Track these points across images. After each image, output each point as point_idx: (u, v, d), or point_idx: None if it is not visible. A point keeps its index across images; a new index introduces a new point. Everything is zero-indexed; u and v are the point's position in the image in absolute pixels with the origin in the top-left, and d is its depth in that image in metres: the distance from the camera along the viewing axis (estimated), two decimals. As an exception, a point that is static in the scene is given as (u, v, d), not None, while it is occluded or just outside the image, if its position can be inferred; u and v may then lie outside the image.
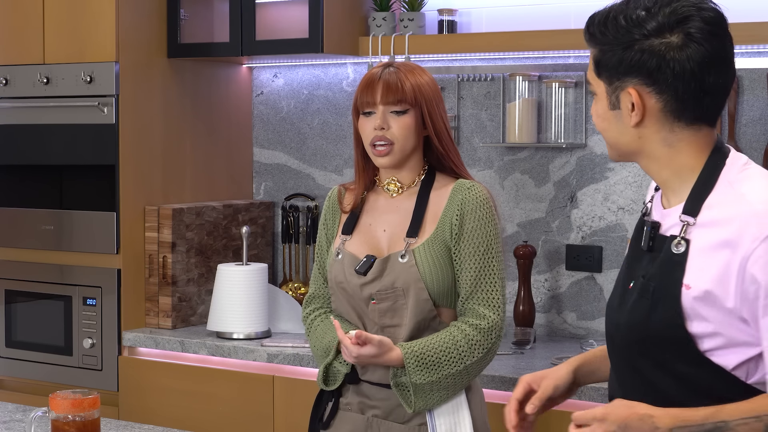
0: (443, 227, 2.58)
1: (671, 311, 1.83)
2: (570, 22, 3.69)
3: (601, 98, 1.92)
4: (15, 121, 4.03)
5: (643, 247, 1.92)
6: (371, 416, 2.59)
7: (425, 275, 2.53)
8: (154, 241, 3.90)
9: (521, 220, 3.83)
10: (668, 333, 1.84)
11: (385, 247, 2.60)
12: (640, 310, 1.88)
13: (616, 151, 1.95)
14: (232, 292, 3.72)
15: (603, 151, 3.70)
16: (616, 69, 1.86)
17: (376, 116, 2.57)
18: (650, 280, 1.88)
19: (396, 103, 2.57)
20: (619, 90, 1.87)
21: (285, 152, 4.31)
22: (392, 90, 2.56)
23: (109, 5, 3.80)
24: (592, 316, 3.73)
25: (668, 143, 1.87)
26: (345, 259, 2.61)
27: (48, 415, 2.25)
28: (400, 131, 2.57)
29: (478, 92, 3.89)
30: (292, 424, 3.53)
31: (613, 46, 1.85)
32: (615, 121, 1.90)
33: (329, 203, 2.74)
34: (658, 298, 1.85)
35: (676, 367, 1.86)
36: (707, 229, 1.83)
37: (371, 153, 2.60)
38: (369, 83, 2.59)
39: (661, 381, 1.88)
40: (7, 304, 4.10)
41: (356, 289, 2.58)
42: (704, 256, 1.82)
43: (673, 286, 1.84)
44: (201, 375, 3.71)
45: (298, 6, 3.95)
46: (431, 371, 2.51)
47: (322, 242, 2.75)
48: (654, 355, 1.88)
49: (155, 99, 3.97)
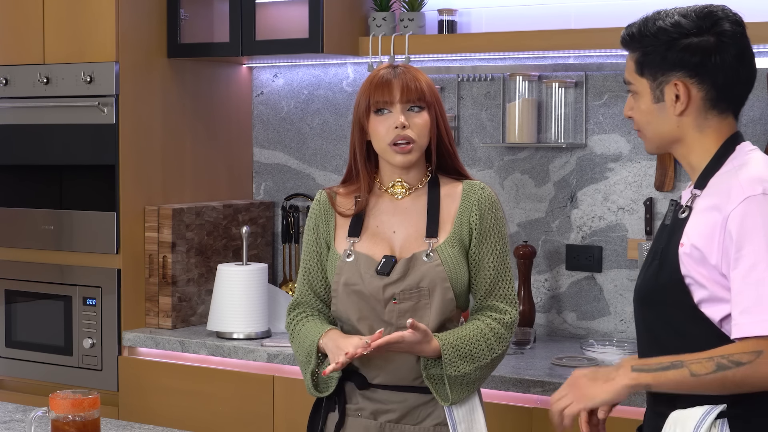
0: (461, 227, 2.57)
1: (671, 267, 2.10)
2: (570, 22, 3.69)
3: (643, 94, 2.17)
4: (15, 121, 4.04)
5: (666, 222, 2.20)
6: (384, 421, 2.58)
7: (451, 274, 2.54)
8: (154, 241, 3.90)
9: (521, 220, 3.83)
10: (669, 288, 2.10)
11: (398, 249, 2.58)
12: (651, 271, 2.16)
13: (656, 142, 2.20)
14: (232, 292, 3.71)
15: (603, 151, 3.70)
16: (660, 66, 2.13)
17: (394, 115, 2.54)
18: (660, 244, 2.17)
19: (416, 101, 2.56)
20: (664, 84, 2.13)
21: (285, 152, 4.31)
22: (412, 88, 2.55)
23: (109, 5, 3.81)
24: (592, 316, 3.73)
25: (700, 129, 2.15)
26: (360, 261, 2.57)
27: (48, 415, 2.25)
28: (420, 129, 2.56)
29: (478, 92, 3.89)
30: (292, 424, 3.53)
31: (656, 47, 2.12)
32: (658, 113, 2.15)
33: (319, 207, 2.67)
34: (664, 257, 2.12)
35: (678, 322, 2.10)
36: (705, 198, 2.11)
37: (390, 152, 2.56)
38: (384, 82, 2.56)
39: (667, 339, 2.12)
40: (7, 304, 4.10)
41: (377, 290, 2.54)
42: (697, 217, 2.10)
43: (674, 245, 2.11)
44: (201, 375, 3.71)
45: (298, 6, 3.95)
46: (465, 362, 2.51)
47: (311, 248, 2.67)
48: (660, 311, 2.13)
49: (155, 99, 3.97)
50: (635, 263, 3.65)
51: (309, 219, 2.69)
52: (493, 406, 3.13)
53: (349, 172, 2.68)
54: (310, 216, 2.69)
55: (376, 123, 2.57)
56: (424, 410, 2.57)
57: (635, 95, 2.19)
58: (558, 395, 2.19)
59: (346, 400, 2.61)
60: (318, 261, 2.66)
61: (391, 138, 2.55)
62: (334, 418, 2.62)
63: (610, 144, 3.69)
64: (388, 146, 2.56)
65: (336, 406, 2.61)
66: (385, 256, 2.56)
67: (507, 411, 3.17)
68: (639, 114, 2.19)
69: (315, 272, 2.67)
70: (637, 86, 2.18)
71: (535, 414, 3.14)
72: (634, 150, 3.65)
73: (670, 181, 3.58)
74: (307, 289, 2.68)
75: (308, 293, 2.68)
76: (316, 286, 2.67)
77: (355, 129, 2.63)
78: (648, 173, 3.63)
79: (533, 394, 3.15)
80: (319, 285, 2.67)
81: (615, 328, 3.69)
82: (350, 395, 2.61)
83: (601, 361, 3.23)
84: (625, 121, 3.65)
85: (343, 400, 2.61)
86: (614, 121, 3.68)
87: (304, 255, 2.70)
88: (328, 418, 2.63)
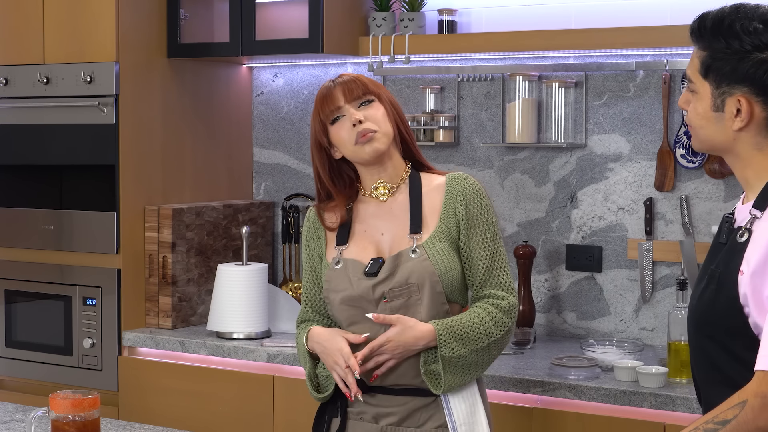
0: (447, 220, 2.58)
1: (731, 296, 1.95)
2: (570, 22, 3.69)
3: (703, 98, 2.01)
4: (15, 121, 4.04)
5: (720, 240, 2.05)
6: (386, 425, 2.58)
7: (439, 268, 2.54)
8: (154, 241, 3.90)
9: (521, 220, 3.83)
10: (729, 317, 1.96)
11: (387, 250, 2.59)
12: (708, 296, 2.01)
13: (707, 146, 2.07)
14: (232, 292, 3.71)
15: (603, 151, 3.70)
16: (727, 76, 1.97)
17: (347, 116, 2.57)
18: (717, 267, 2.01)
19: (362, 96, 2.58)
20: (726, 95, 1.98)
21: (285, 152, 4.31)
22: (352, 87, 2.58)
23: (109, 5, 3.81)
24: (592, 316, 3.73)
25: (759, 148, 2.00)
26: (348, 266, 2.58)
27: (48, 415, 2.26)
28: (377, 119, 2.57)
29: (478, 92, 3.89)
30: (292, 424, 3.53)
31: (727, 54, 1.96)
32: (715, 122, 2.01)
33: (310, 224, 2.69)
34: (722, 283, 1.97)
35: (738, 350, 1.96)
36: (766, 221, 1.95)
37: (358, 150, 2.57)
38: (326, 94, 2.60)
39: (725, 364, 1.99)
40: (7, 304, 4.10)
41: (366, 291, 2.55)
42: (756, 244, 1.93)
43: (733, 272, 1.95)
44: (201, 375, 3.71)
45: (298, 6, 3.95)
46: (461, 344, 2.50)
47: (308, 266, 2.70)
48: (719, 338, 1.99)
49: (155, 99, 3.97)
50: (635, 263, 3.65)
51: (303, 238, 2.72)
52: (493, 406, 3.12)
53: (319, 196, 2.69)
54: (303, 235, 2.72)
55: (336, 132, 2.59)
56: (425, 413, 2.57)
57: (694, 94, 2.04)
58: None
59: (348, 404, 2.61)
60: (314, 278, 2.68)
61: (353, 137, 2.56)
62: (337, 423, 2.62)
63: (610, 144, 3.69)
64: (354, 146, 2.57)
65: (339, 411, 2.62)
66: (373, 258, 2.57)
67: (507, 411, 3.17)
68: (694, 115, 2.05)
69: (314, 290, 2.69)
70: (698, 87, 2.02)
71: (535, 414, 3.14)
72: (634, 150, 3.65)
73: (670, 181, 3.58)
74: (308, 307, 2.70)
75: (309, 311, 2.70)
76: (317, 304, 2.69)
77: (314, 153, 2.65)
78: (648, 173, 3.63)
79: (533, 394, 3.15)
80: (319, 302, 2.68)
81: (615, 328, 3.69)
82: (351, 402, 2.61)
83: (600, 361, 3.23)
84: (625, 120, 3.65)
85: (344, 404, 2.61)
86: (614, 121, 3.68)
87: (304, 274, 2.72)
88: (331, 423, 2.63)
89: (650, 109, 3.62)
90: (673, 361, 3.10)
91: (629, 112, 3.65)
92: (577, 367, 3.17)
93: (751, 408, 1.84)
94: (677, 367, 3.08)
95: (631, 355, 3.29)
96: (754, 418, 1.84)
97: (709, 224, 3.52)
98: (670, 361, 3.11)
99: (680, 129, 3.55)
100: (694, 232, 3.55)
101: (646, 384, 3.04)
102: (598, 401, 3.05)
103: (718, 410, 1.89)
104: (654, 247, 3.59)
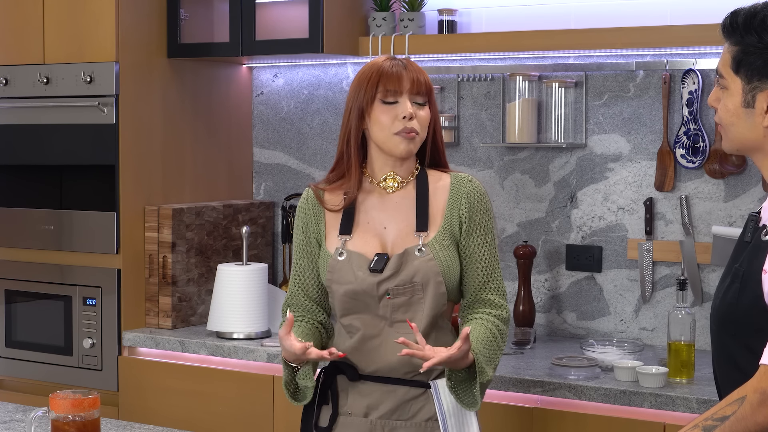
0: (451, 220, 2.58)
1: (755, 295, 1.94)
2: (570, 22, 3.69)
3: (734, 93, 2.01)
4: (15, 121, 4.04)
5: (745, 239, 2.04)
6: (376, 419, 2.57)
7: (443, 268, 2.54)
8: (154, 241, 3.90)
9: (521, 220, 3.83)
10: (753, 316, 1.95)
11: (390, 244, 2.58)
12: (732, 294, 2.00)
13: (736, 144, 2.05)
14: (232, 292, 3.72)
15: (603, 151, 3.70)
16: (759, 71, 1.96)
17: (401, 105, 2.54)
18: (741, 265, 2.00)
19: (421, 95, 2.57)
20: (758, 90, 1.97)
21: (285, 152, 4.31)
22: (420, 81, 2.57)
23: (109, 5, 3.81)
24: (592, 316, 3.73)
25: None
26: (352, 259, 2.57)
27: (48, 415, 2.26)
28: (423, 122, 2.57)
29: (478, 92, 3.89)
30: (292, 424, 3.53)
31: (759, 49, 1.96)
32: (745, 118, 2.00)
33: (307, 206, 2.65)
34: (746, 282, 1.97)
35: (760, 349, 1.91)
36: None
37: (393, 140, 2.54)
38: (394, 73, 2.55)
39: (747, 362, 1.95)
40: (7, 304, 4.10)
41: (371, 287, 2.54)
42: None
43: (757, 270, 1.94)
44: (201, 375, 3.71)
45: (298, 6, 3.95)
46: (489, 367, 2.52)
47: (302, 248, 2.66)
48: (742, 336, 1.99)
49: (155, 99, 3.97)
50: (635, 263, 3.65)
51: (297, 218, 2.67)
52: (493, 406, 3.13)
53: (339, 165, 2.64)
54: (298, 215, 2.67)
55: (380, 112, 2.55)
56: (416, 405, 2.56)
57: (724, 90, 2.03)
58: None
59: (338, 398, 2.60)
60: (309, 261, 2.65)
61: (398, 128, 2.54)
62: (327, 410, 2.61)
63: (610, 144, 3.69)
64: (393, 135, 2.55)
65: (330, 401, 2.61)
66: (377, 254, 2.56)
67: (507, 411, 3.17)
68: (724, 112, 2.04)
69: (306, 273, 2.66)
70: (729, 82, 2.02)
71: (535, 414, 3.14)
72: (634, 150, 3.65)
73: (670, 181, 3.58)
74: (297, 289, 2.67)
75: (299, 294, 2.67)
76: (308, 288, 2.66)
77: (352, 117, 2.59)
78: (648, 173, 3.63)
79: (533, 394, 3.15)
80: (311, 286, 2.66)
81: (615, 328, 3.69)
82: (341, 392, 2.60)
83: (600, 361, 3.23)
84: (625, 120, 3.65)
85: (335, 393, 2.60)
86: (614, 121, 3.68)
87: (295, 255, 2.68)
88: (321, 410, 2.62)
89: (650, 109, 3.62)
90: (673, 361, 3.10)
91: (629, 112, 3.66)
92: (577, 367, 3.17)
93: (750, 404, 1.84)
94: (677, 367, 3.08)
95: (631, 355, 3.29)
96: (752, 414, 1.84)
97: (709, 224, 3.52)
98: (670, 361, 3.11)
99: (680, 129, 3.55)
100: (694, 232, 3.55)
101: (646, 384, 3.03)
102: (598, 401, 3.05)
103: (718, 407, 1.89)
104: (654, 247, 3.60)
